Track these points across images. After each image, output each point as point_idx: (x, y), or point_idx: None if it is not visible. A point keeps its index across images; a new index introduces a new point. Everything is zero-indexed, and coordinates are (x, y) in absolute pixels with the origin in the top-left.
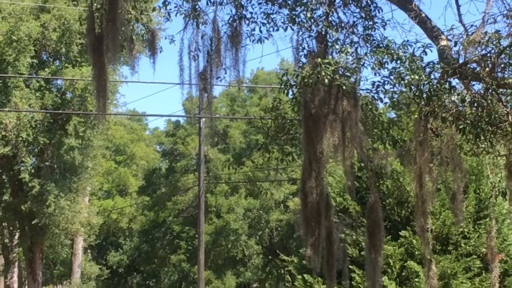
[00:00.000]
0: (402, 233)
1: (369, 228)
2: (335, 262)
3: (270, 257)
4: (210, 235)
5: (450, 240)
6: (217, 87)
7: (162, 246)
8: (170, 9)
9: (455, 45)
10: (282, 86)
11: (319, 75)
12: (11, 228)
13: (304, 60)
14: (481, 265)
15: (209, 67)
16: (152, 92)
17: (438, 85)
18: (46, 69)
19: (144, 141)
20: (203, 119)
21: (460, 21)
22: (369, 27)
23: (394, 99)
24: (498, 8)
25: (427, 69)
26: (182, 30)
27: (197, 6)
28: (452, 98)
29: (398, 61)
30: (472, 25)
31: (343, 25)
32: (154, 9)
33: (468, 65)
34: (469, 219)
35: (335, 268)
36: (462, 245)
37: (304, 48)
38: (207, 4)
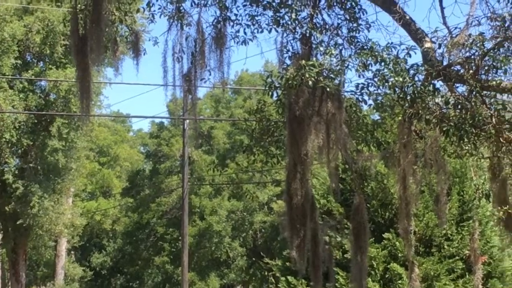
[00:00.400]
0: (386, 235)
1: (354, 230)
2: (321, 264)
3: (254, 259)
4: (194, 237)
5: (433, 242)
6: (201, 89)
7: (146, 247)
8: (154, 11)
9: (439, 47)
10: (267, 88)
11: (303, 77)
12: None
13: (288, 62)
14: (464, 267)
15: (193, 68)
16: (136, 93)
17: (422, 87)
18: (29, 71)
19: (128, 142)
20: (187, 120)
21: (444, 23)
22: (354, 29)
23: (378, 101)
24: (482, 10)
25: (411, 71)
26: (166, 31)
27: (181, 8)
28: (436, 100)
29: (382, 63)
30: (456, 27)
31: (327, 27)
32: (138, 11)
33: (452, 67)
34: (453, 221)
35: (321, 270)
36: (445, 247)
37: (288, 50)
38: (191, 5)
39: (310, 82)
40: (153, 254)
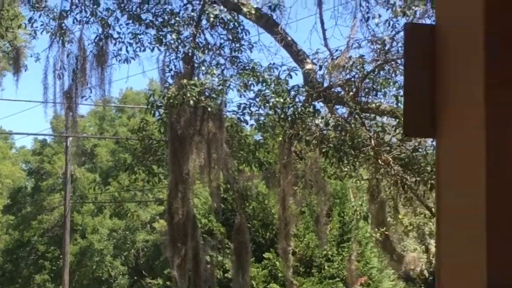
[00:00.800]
0: (266, 255)
1: (235, 250)
2: (202, 283)
3: (135, 277)
4: (75, 255)
5: (313, 263)
6: (86, 106)
7: (27, 265)
8: (37, 27)
9: (320, 69)
10: (149, 107)
11: (184, 96)
12: None
13: (170, 81)
14: (344, 287)
15: (74, 85)
16: (18, 110)
17: (302, 108)
18: None
19: (10, 159)
20: (70, 138)
21: (326, 45)
22: (236, 49)
23: (260, 121)
24: (363, 33)
25: (292, 92)
26: (47, 48)
27: (63, 25)
28: (316, 122)
29: (264, 84)
30: (337, 50)
31: (210, 46)
32: (20, 27)
33: (333, 89)
34: (333, 242)
35: None
36: (326, 267)
37: (171, 69)
38: (73, 22)
39: (192, 102)
40: (34, 272)
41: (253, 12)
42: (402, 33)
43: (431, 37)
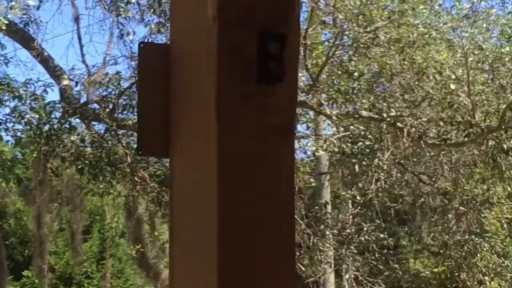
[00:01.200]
0: (25, 273)
1: None
2: None
3: None
4: None
5: (73, 280)
6: None
7: None
8: None
9: (77, 85)
10: None
11: None
12: None
13: None
14: None
15: None
16: None
17: (59, 124)
18: None
19: None
20: None
21: (83, 61)
22: None
23: (17, 138)
24: (119, 50)
25: (48, 108)
26: None
27: None
28: (72, 138)
29: (20, 99)
30: (94, 66)
31: None
32: None
33: (89, 105)
34: (93, 259)
35: None
36: (86, 284)
37: None
38: None
39: None
40: None
41: (3, 28)
42: None
43: (165, 57)
